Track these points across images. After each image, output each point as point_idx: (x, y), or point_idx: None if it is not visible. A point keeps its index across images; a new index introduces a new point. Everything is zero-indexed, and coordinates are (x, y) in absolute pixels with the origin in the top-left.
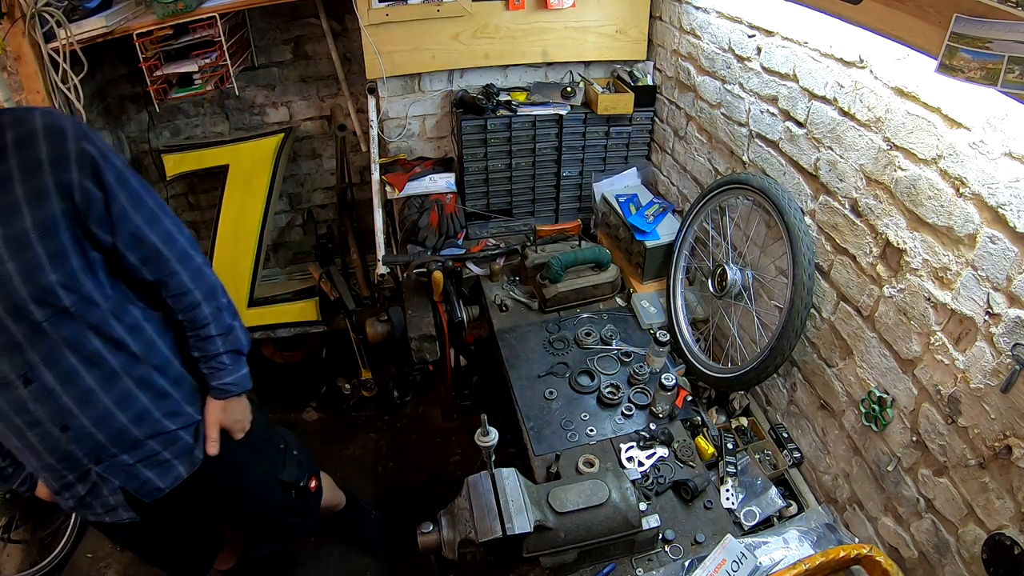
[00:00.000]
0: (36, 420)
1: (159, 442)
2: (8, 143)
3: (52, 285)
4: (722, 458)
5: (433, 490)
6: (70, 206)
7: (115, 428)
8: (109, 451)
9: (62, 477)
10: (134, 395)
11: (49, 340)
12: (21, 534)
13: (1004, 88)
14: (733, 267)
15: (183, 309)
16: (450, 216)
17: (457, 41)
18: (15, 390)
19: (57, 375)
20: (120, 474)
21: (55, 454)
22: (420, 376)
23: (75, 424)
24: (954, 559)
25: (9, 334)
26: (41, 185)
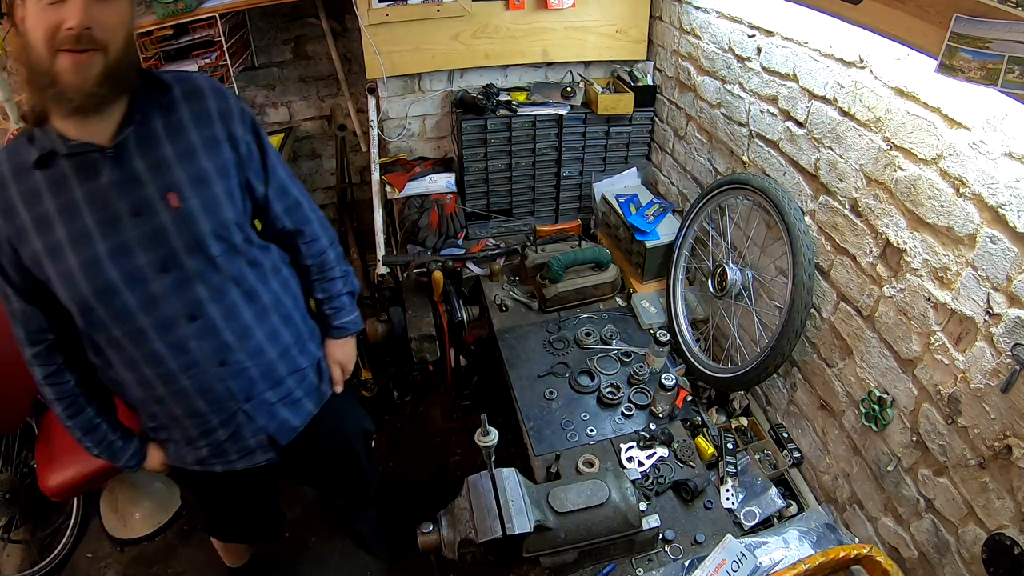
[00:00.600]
0: (194, 360)
1: (294, 379)
2: (177, 96)
3: (228, 222)
4: (722, 458)
5: (433, 490)
6: (236, 155)
7: (266, 363)
8: (258, 387)
9: (205, 423)
10: (279, 331)
11: (219, 275)
12: (21, 534)
13: (1004, 88)
14: (733, 267)
15: (314, 254)
16: (450, 216)
17: (457, 41)
18: (179, 329)
19: (221, 310)
20: (263, 413)
21: (207, 395)
22: (420, 376)
23: (233, 359)
24: (954, 559)
25: (184, 270)
26: (213, 134)
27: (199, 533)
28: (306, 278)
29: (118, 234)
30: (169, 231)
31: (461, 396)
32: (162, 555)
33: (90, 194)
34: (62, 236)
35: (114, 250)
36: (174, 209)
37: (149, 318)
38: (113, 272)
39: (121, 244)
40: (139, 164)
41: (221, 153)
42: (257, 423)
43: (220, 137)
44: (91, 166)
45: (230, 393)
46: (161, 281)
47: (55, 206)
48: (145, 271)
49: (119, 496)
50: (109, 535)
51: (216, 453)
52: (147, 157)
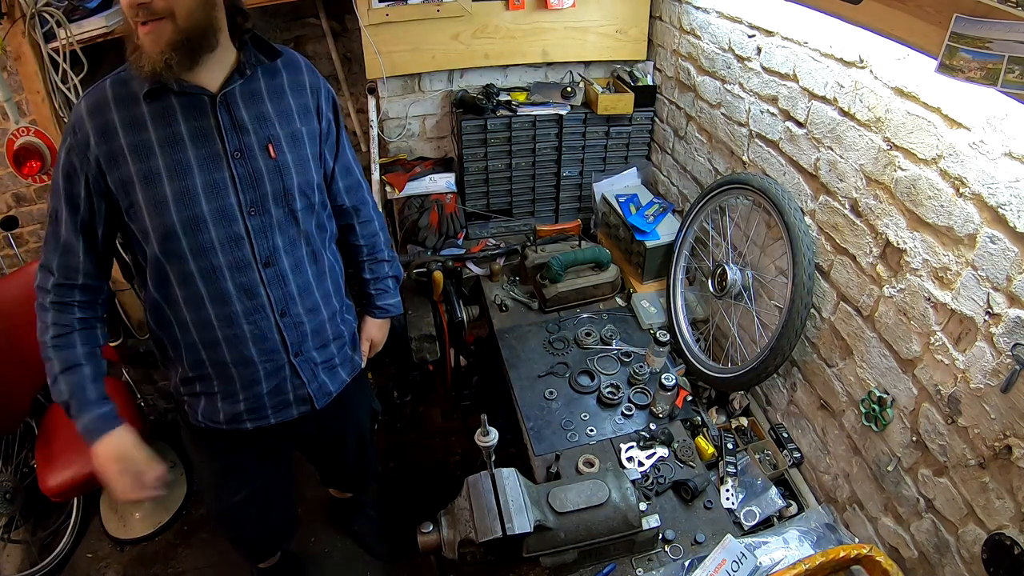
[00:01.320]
0: (259, 305)
1: (337, 346)
2: (279, 64)
3: (313, 181)
4: (722, 458)
5: (433, 490)
6: (319, 127)
7: (318, 322)
8: (308, 344)
9: (252, 373)
10: (331, 295)
11: (296, 229)
12: (21, 534)
13: (1004, 88)
14: (733, 267)
15: (367, 234)
16: (450, 216)
17: (457, 41)
18: (252, 272)
19: (292, 263)
20: (308, 370)
21: (262, 343)
22: (420, 376)
23: (293, 311)
24: (954, 559)
25: (268, 217)
26: (305, 102)
27: (199, 533)
28: (356, 258)
29: (217, 171)
30: (264, 177)
31: (461, 396)
32: (162, 555)
33: (196, 131)
34: (161, 164)
35: (210, 185)
36: (271, 159)
37: (228, 256)
38: (205, 205)
39: (218, 181)
40: (244, 114)
41: (311, 121)
42: (301, 379)
43: (311, 107)
44: (199, 107)
45: (284, 344)
46: (248, 222)
47: (158, 136)
48: (235, 210)
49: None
50: (109, 535)
51: (253, 408)
52: (251, 110)
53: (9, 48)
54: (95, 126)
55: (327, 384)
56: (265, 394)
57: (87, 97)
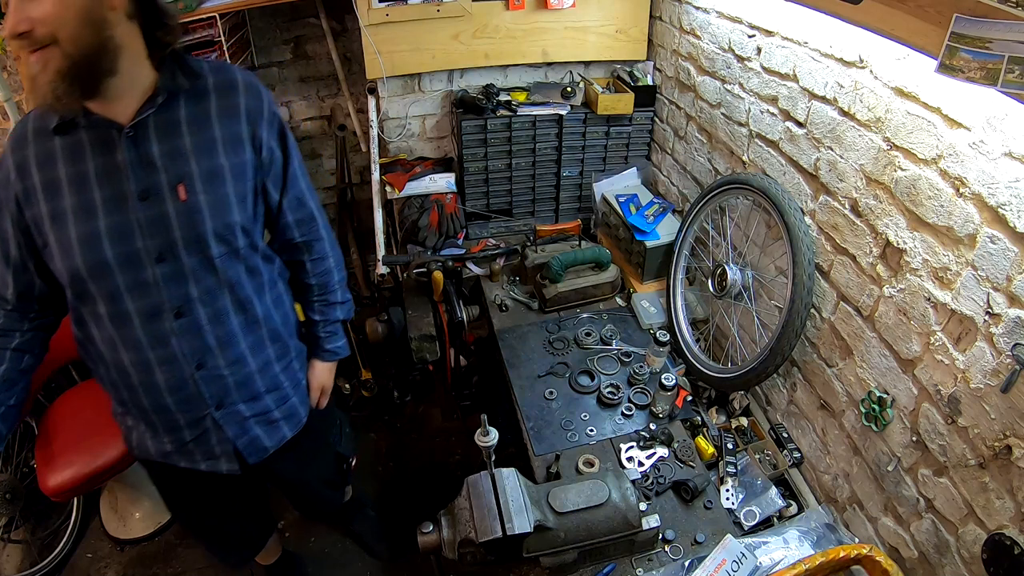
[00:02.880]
0: (172, 355)
1: (273, 399)
2: (209, 86)
3: (235, 224)
4: (722, 458)
5: (433, 490)
6: (256, 158)
7: (244, 374)
8: (232, 397)
9: (172, 420)
10: (265, 345)
11: (214, 277)
12: (21, 534)
13: (1004, 88)
14: (733, 267)
15: (319, 273)
16: (450, 216)
17: (457, 41)
18: (163, 322)
19: (209, 313)
20: (234, 426)
21: (177, 394)
22: (420, 376)
23: (211, 363)
24: (954, 559)
25: (179, 265)
26: (237, 131)
27: None
28: (305, 296)
29: (121, 214)
30: (172, 221)
31: (461, 396)
32: (162, 555)
33: (102, 169)
34: (68, 204)
35: (115, 229)
36: (181, 201)
37: (136, 304)
38: (109, 251)
39: (123, 224)
40: (155, 149)
41: (241, 153)
42: (225, 433)
43: (244, 136)
44: (108, 142)
45: (201, 397)
46: (155, 270)
47: (67, 174)
48: (141, 256)
49: (119, 496)
50: (109, 535)
51: (179, 450)
52: (164, 143)
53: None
54: (15, 161)
55: (260, 439)
56: (189, 441)
57: (13, 131)
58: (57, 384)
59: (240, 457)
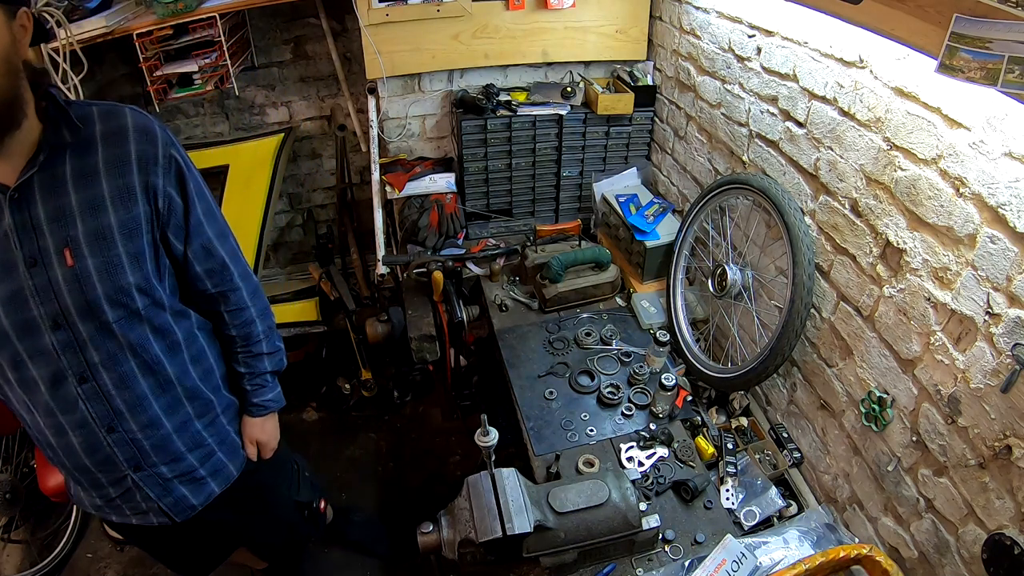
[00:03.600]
0: (83, 420)
1: (197, 457)
2: (96, 135)
3: (129, 286)
4: (722, 458)
5: (433, 490)
6: (152, 210)
7: (160, 436)
8: (150, 459)
9: (95, 479)
10: (182, 405)
11: (114, 342)
12: (21, 534)
13: (1004, 88)
14: (733, 267)
15: (239, 324)
16: (450, 216)
17: (457, 41)
18: (67, 388)
19: (114, 378)
20: (156, 487)
21: (94, 456)
22: (420, 376)
23: (123, 427)
24: (954, 559)
25: (75, 332)
26: (127, 183)
27: None
28: (228, 348)
29: (13, 281)
30: (61, 289)
31: (461, 396)
32: None
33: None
34: None
35: (8, 297)
36: (68, 267)
37: (39, 370)
38: (5, 319)
39: (15, 292)
40: (40, 211)
41: (132, 207)
42: (148, 493)
43: (135, 187)
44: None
45: (117, 459)
46: (52, 337)
47: None
48: (38, 323)
49: None
50: (109, 535)
51: (108, 505)
52: (49, 204)
53: None
54: None
55: (187, 498)
56: (115, 498)
57: None
58: None
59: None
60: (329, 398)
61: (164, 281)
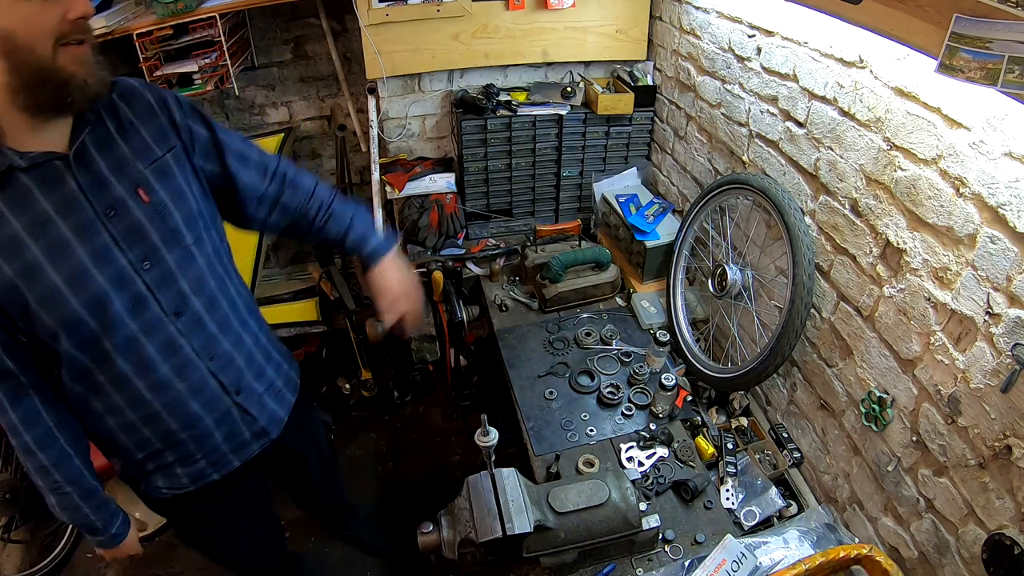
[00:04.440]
0: (186, 359)
1: (272, 368)
2: (115, 97)
3: (194, 210)
4: (722, 458)
5: (433, 490)
6: (181, 143)
7: (246, 352)
8: (246, 378)
9: (203, 427)
10: (247, 320)
11: (196, 264)
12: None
13: (1004, 88)
14: (733, 267)
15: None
16: (450, 216)
17: (457, 41)
18: (167, 328)
19: (203, 301)
20: (255, 404)
21: (201, 396)
22: (420, 376)
23: (220, 351)
24: (954, 559)
25: (165, 263)
26: (159, 124)
27: None
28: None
29: (96, 237)
30: (145, 226)
31: (461, 396)
32: (162, 555)
33: (59, 202)
34: (37, 253)
35: (95, 254)
36: (145, 204)
37: (138, 321)
38: (99, 278)
39: (100, 247)
40: (102, 165)
41: (171, 142)
42: (250, 415)
43: (167, 127)
44: (54, 175)
45: (223, 388)
46: (145, 277)
47: (22, 224)
48: (128, 270)
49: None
50: None
51: (213, 461)
52: (108, 158)
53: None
54: None
55: (277, 411)
56: (221, 443)
57: None
58: None
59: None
60: (329, 398)
61: (208, 204)
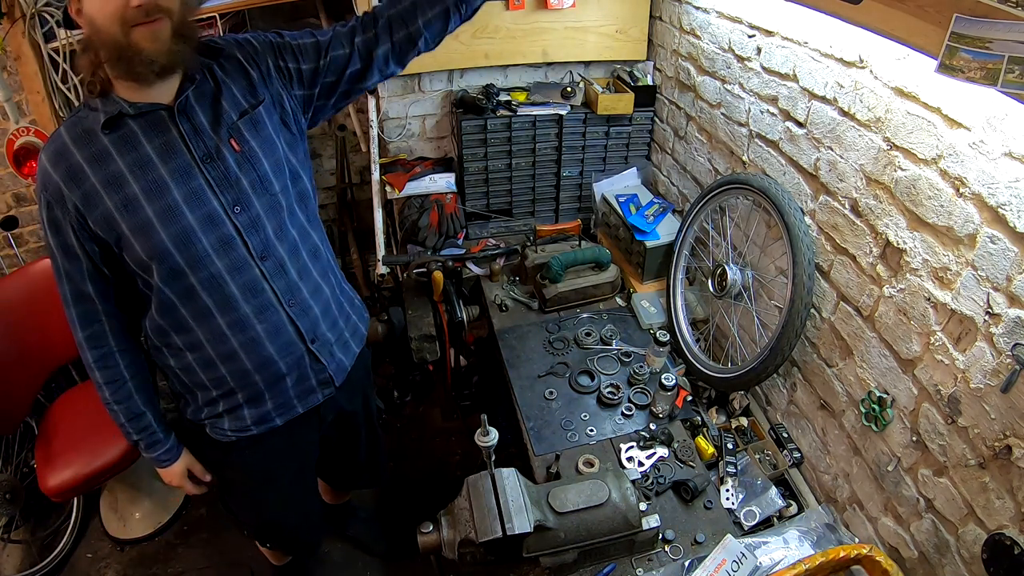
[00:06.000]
0: (267, 302)
1: (343, 319)
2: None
3: (281, 159)
4: (722, 458)
5: (433, 490)
6: (269, 90)
7: (324, 300)
8: (321, 327)
9: (276, 370)
10: (328, 270)
11: (281, 212)
12: (21, 534)
13: (1004, 88)
14: (733, 267)
15: None
16: (450, 216)
17: (457, 41)
18: (252, 270)
19: (286, 248)
20: (326, 353)
21: (277, 339)
22: (420, 376)
23: (300, 297)
24: (954, 559)
25: (253, 210)
26: (249, 80)
27: (199, 533)
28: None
29: (191, 180)
30: (235, 173)
31: (461, 396)
32: (162, 555)
33: (162, 147)
34: (136, 189)
35: (189, 195)
36: (237, 152)
37: (224, 260)
38: (189, 216)
39: (195, 189)
40: (201, 118)
41: (260, 94)
42: (321, 363)
43: (255, 79)
44: (159, 123)
45: (299, 334)
46: (235, 220)
47: (126, 163)
48: (220, 213)
49: (119, 496)
50: (109, 535)
51: (280, 404)
52: (207, 111)
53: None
54: (62, 174)
55: (343, 361)
56: (290, 387)
57: (45, 150)
58: (57, 384)
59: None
60: None
61: (299, 154)
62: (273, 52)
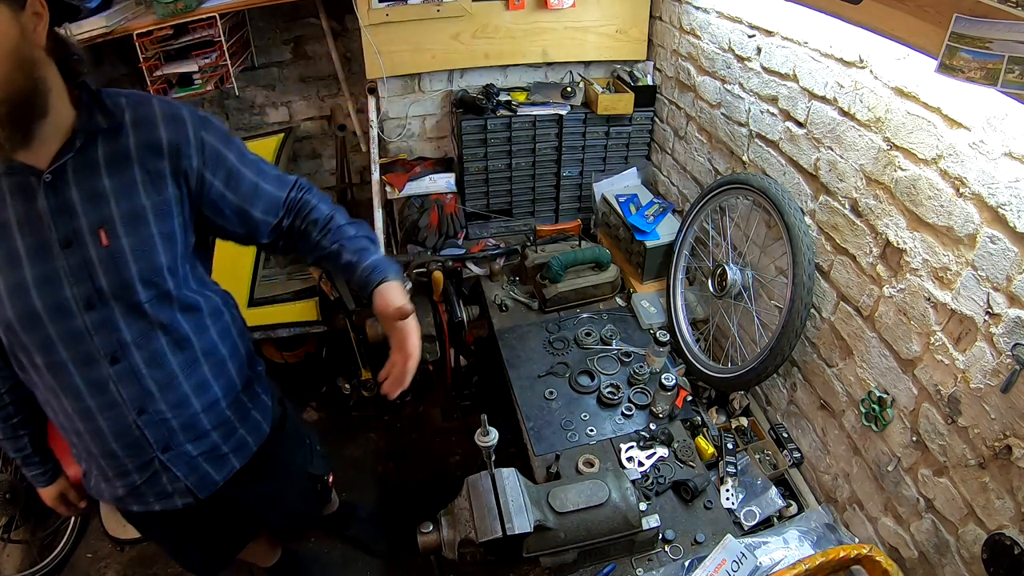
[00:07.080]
0: (113, 402)
1: (220, 434)
2: (127, 122)
3: (161, 267)
4: (722, 458)
5: (433, 490)
6: (184, 192)
7: (189, 415)
8: (178, 439)
9: (121, 465)
10: (209, 383)
11: (145, 321)
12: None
13: (1004, 88)
14: (733, 267)
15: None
16: (450, 216)
17: (457, 41)
18: (99, 369)
19: (146, 357)
20: (183, 466)
21: (122, 439)
22: (420, 376)
23: (153, 408)
24: (954, 559)
25: (108, 311)
26: (158, 168)
27: None
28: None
29: (47, 262)
30: (96, 268)
31: (461, 396)
32: (162, 555)
33: (24, 217)
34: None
35: (42, 278)
36: (103, 247)
37: (70, 352)
38: (38, 301)
39: (49, 273)
40: (75, 193)
41: (164, 191)
42: (174, 473)
43: (166, 173)
44: (27, 188)
45: (147, 441)
46: (85, 317)
47: None
48: (70, 304)
49: None
50: (109, 535)
51: (132, 494)
52: (84, 187)
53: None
54: None
55: (210, 475)
56: (140, 484)
57: None
58: None
59: (191, 493)
60: (329, 398)
61: (188, 259)
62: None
